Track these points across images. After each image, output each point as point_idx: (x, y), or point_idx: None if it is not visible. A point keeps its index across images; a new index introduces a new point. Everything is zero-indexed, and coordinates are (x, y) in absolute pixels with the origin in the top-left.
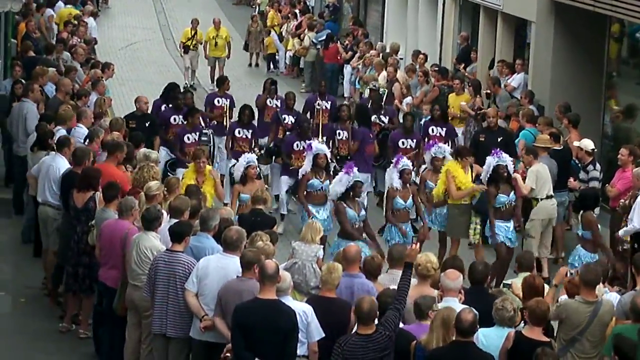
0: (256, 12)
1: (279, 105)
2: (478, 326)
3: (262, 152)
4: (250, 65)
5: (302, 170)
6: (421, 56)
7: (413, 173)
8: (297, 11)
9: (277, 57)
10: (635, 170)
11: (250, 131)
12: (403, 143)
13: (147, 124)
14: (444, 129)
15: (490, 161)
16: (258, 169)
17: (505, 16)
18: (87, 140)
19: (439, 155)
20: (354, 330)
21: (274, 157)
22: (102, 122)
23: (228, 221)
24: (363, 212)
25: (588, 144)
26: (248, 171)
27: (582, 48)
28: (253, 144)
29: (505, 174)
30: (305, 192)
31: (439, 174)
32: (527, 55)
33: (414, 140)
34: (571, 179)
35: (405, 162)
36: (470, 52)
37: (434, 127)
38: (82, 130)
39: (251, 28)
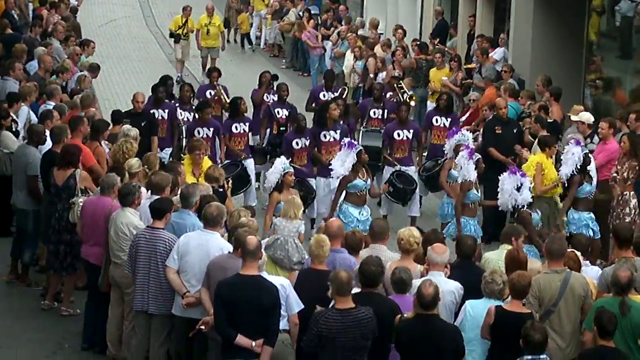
0: None
1: (275, 99)
2: (443, 298)
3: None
4: (228, 41)
5: (344, 170)
6: (400, 31)
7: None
8: None
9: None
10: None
11: (247, 124)
12: (399, 135)
13: (142, 124)
14: (449, 119)
15: (577, 151)
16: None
17: None
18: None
19: (463, 142)
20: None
21: (269, 157)
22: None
23: (208, 197)
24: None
25: (588, 117)
26: (285, 178)
27: (563, 21)
28: (248, 141)
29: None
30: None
31: None
32: (507, 29)
33: (411, 131)
34: None
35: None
36: (445, 27)
37: (438, 117)
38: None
39: (232, 4)
